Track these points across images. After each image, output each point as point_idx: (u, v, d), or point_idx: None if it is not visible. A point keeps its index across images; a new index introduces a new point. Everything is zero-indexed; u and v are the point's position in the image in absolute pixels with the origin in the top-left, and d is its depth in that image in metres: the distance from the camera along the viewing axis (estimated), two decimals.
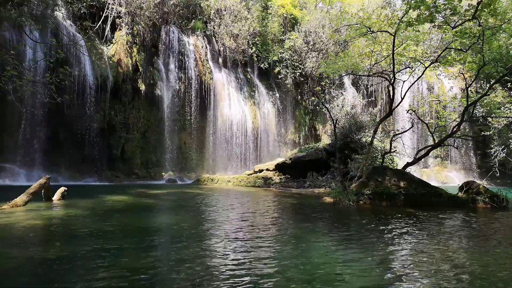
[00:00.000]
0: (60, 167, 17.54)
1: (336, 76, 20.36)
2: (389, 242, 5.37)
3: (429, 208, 9.29)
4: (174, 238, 5.57)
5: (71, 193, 9.81)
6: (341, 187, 10.97)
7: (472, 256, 4.64)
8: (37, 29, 15.76)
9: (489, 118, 17.95)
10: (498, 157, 21.86)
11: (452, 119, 17.87)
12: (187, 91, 22.64)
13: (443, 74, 16.75)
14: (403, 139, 14.80)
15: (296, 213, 8.62)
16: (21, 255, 4.27)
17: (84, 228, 5.96)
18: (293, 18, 28.23)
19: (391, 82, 12.72)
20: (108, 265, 3.92)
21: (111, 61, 19.73)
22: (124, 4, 20.45)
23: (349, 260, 4.30)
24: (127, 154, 20.35)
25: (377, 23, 12.28)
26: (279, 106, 27.05)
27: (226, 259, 4.23)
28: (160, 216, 7.91)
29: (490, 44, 10.62)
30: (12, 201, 7.90)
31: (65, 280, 3.43)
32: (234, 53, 24.95)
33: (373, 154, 14.50)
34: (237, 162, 23.76)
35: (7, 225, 5.98)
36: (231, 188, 16.33)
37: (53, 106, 15.34)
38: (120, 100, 20.17)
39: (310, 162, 17.87)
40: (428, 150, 13.30)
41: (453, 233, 6.31)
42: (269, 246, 4.89)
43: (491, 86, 12.14)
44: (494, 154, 22.18)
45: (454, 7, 9.96)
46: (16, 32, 16.08)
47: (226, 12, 24.73)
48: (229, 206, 9.65)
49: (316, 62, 25.94)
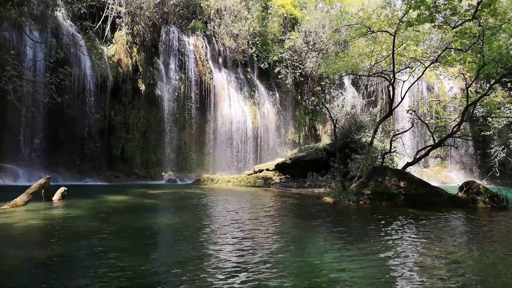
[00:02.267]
0: (60, 167, 17.54)
1: (336, 76, 20.35)
2: (389, 242, 5.37)
3: (429, 208, 9.28)
4: (174, 238, 5.57)
5: (71, 193, 9.81)
6: (341, 187, 10.97)
7: (473, 256, 4.64)
8: (37, 29, 15.76)
9: (489, 118, 17.94)
10: (498, 157, 21.85)
11: (452, 119, 17.87)
12: (187, 91, 22.65)
13: (443, 74, 16.73)
14: (403, 139, 14.79)
15: (296, 213, 8.61)
16: (21, 255, 4.27)
17: (84, 228, 5.96)
18: (293, 18, 28.23)
19: (391, 82, 12.71)
20: (108, 265, 3.91)
21: (111, 61, 19.73)
22: (124, 4, 20.45)
23: (349, 260, 4.29)
24: (127, 154, 20.35)
25: (377, 23, 12.28)
26: (279, 106, 27.05)
27: (226, 260, 4.23)
28: (160, 217, 7.91)
29: (490, 44, 10.61)
30: (12, 201, 7.90)
31: (65, 280, 3.43)
32: (234, 53, 24.94)
33: (373, 154, 14.49)
34: (237, 162, 23.75)
35: (7, 225, 5.98)
36: (231, 188, 16.32)
37: (53, 106, 15.34)
38: (120, 100, 20.17)
39: (310, 162, 17.86)
40: (428, 150, 13.29)
41: (453, 233, 6.31)
42: (269, 246, 4.89)
43: (491, 86, 12.14)
44: (494, 154, 22.17)
45: (454, 7, 9.96)
46: (16, 32, 16.09)
47: (226, 12, 24.73)
48: (229, 206, 9.65)
49: (316, 62, 25.93)
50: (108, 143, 19.55)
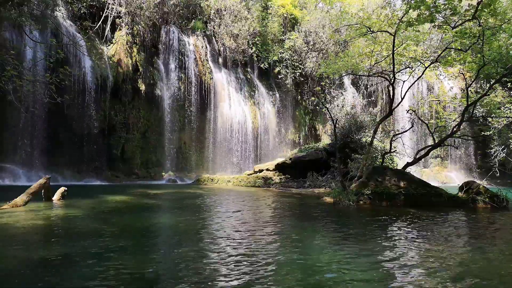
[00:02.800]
0: (60, 167, 17.54)
1: (336, 76, 20.35)
2: (389, 242, 5.37)
3: (429, 208, 9.28)
4: (174, 238, 5.57)
5: (71, 193, 9.81)
6: (341, 187, 10.97)
7: (473, 256, 4.64)
8: (37, 29, 15.76)
9: (489, 118, 17.94)
10: (498, 157, 21.85)
11: (452, 119, 17.87)
12: (187, 91, 22.65)
13: (443, 74, 16.73)
14: (403, 139, 14.79)
15: (296, 213, 8.61)
16: (21, 255, 4.27)
17: (84, 228, 5.95)
18: (293, 18, 28.23)
19: (391, 82, 12.71)
20: (108, 265, 3.91)
21: (111, 61, 19.73)
22: (124, 4, 20.45)
23: (349, 260, 4.29)
24: (127, 154, 20.36)
25: (377, 23, 12.28)
26: (279, 106, 27.05)
27: (226, 260, 4.23)
28: (160, 217, 7.90)
29: (490, 44, 10.61)
30: (12, 201, 7.90)
31: (65, 280, 3.43)
32: (234, 53, 24.95)
33: (373, 154, 14.49)
34: (237, 162, 23.75)
35: (7, 225, 5.98)
36: (231, 188, 16.32)
37: (53, 106, 15.34)
38: (120, 100, 20.18)
39: (310, 162, 17.87)
40: (428, 150, 13.29)
41: (453, 233, 6.31)
42: (269, 247, 4.88)
43: (491, 86, 12.14)
44: (494, 154, 22.18)
45: (454, 7, 9.96)
46: (16, 32, 16.09)
47: (226, 12, 24.73)
48: (229, 206, 9.65)
49: (316, 62, 25.94)
50: (108, 143, 19.55)
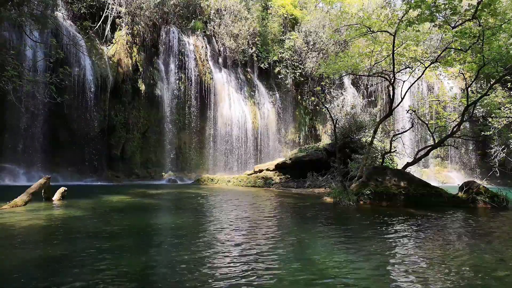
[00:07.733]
0: (60, 167, 17.53)
1: (336, 76, 20.34)
2: (389, 242, 5.37)
3: (429, 208, 9.29)
4: (174, 239, 5.57)
5: (71, 193, 9.80)
6: (341, 187, 10.96)
7: (473, 256, 4.64)
8: (37, 29, 15.75)
9: (489, 118, 17.95)
10: (498, 157, 21.84)
11: (452, 119, 17.87)
12: (187, 91, 22.64)
13: (443, 74, 16.73)
14: (403, 139, 14.80)
15: (296, 213, 8.61)
16: (21, 255, 4.27)
17: (84, 228, 5.96)
18: (293, 18, 28.22)
19: (391, 82, 12.72)
20: (108, 265, 3.91)
21: (111, 61, 19.73)
22: (124, 4, 20.45)
23: (349, 261, 4.29)
24: (127, 154, 20.35)
25: (377, 23, 12.29)
26: (279, 106, 27.04)
27: (225, 261, 4.23)
28: (160, 217, 7.91)
29: (490, 44, 10.61)
30: (12, 201, 7.90)
31: (64, 280, 3.43)
32: (234, 53, 24.93)
33: (373, 154, 14.49)
34: (237, 162, 23.75)
35: (7, 225, 5.98)
36: (231, 188, 16.32)
37: (53, 106, 15.35)
38: (120, 100, 20.17)
39: (310, 162, 17.85)
40: (428, 150, 13.30)
41: (453, 233, 6.31)
42: (269, 247, 4.88)
43: (491, 86, 12.14)
44: (494, 154, 22.16)
45: (454, 7, 9.96)
46: (16, 32, 16.08)
47: (226, 12, 24.72)
48: (229, 206, 9.65)
49: (316, 62, 25.92)
50: (108, 143, 19.54)
